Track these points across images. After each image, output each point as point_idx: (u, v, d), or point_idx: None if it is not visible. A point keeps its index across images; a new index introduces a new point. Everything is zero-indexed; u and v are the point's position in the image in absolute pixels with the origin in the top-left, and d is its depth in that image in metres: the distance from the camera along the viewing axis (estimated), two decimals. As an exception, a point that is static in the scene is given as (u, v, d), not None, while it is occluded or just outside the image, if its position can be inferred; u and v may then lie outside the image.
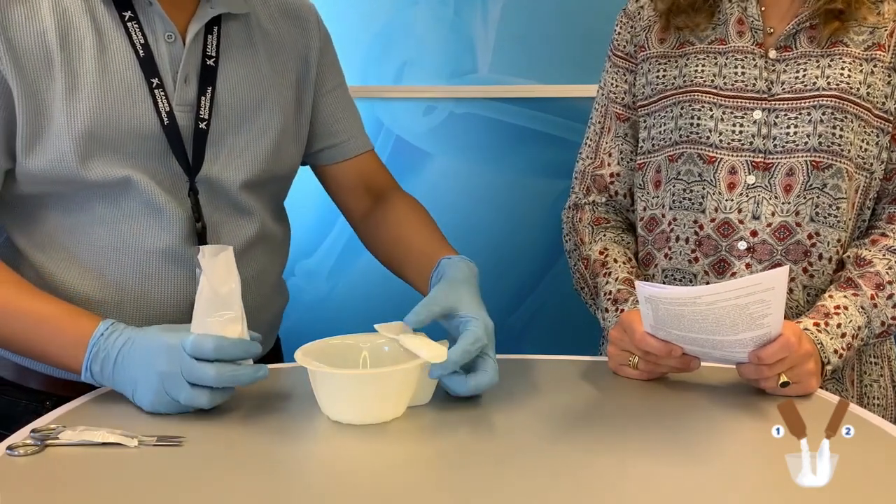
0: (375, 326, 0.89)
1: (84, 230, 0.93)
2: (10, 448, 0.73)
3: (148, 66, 0.92)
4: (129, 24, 0.92)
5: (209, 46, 0.97)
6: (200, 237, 0.97)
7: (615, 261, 1.14)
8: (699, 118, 1.09)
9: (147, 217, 0.93)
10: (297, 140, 1.08)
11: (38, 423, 0.79)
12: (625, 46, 1.19)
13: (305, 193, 1.15)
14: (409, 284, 1.07)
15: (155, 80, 0.92)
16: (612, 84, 1.21)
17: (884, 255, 1.03)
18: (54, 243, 0.93)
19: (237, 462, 0.73)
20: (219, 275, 0.83)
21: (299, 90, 1.08)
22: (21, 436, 0.76)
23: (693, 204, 1.09)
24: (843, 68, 1.04)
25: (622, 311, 1.06)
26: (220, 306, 0.82)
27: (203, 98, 0.96)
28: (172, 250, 0.95)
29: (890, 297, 1.01)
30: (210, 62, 0.97)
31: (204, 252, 0.84)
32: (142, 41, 0.92)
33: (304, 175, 1.17)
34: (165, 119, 0.93)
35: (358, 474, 0.72)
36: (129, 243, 0.94)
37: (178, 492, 0.68)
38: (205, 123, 0.96)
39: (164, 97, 0.93)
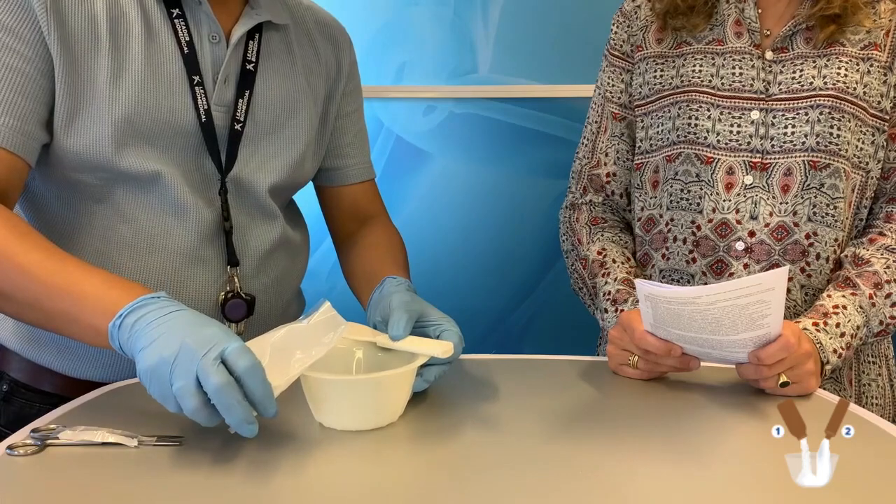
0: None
1: (107, 227, 0.94)
2: (10, 448, 0.73)
3: (191, 63, 0.94)
4: (176, 22, 0.94)
5: (250, 52, 1.00)
6: (227, 236, 0.98)
7: (613, 261, 1.14)
8: (697, 118, 1.09)
9: (171, 217, 0.95)
10: (316, 154, 1.11)
11: (38, 422, 0.79)
12: (621, 46, 1.20)
13: (305, 195, 1.16)
14: (358, 300, 1.08)
15: (196, 78, 0.94)
16: (608, 83, 1.21)
17: (882, 255, 1.04)
18: (77, 240, 0.94)
19: (237, 462, 0.73)
20: (314, 335, 0.79)
21: (326, 107, 1.11)
22: (21, 436, 0.76)
23: (691, 204, 1.09)
24: (839, 68, 1.05)
25: (621, 311, 1.06)
26: (284, 356, 0.76)
27: (240, 100, 0.98)
28: (195, 251, 0.96)
29: (888, 296, 1.01)
30: (249, 67, 0.99)
31: (327, 307, 0.81)
32: (187, 39, 0.94)
33: (304, 175, 1.17)
34: (203, 116, 0.95)
35: (358, 475, 0.72)
36: (152, 242, 0.95)
37: (178, 492, 0.68)
38: (240, 125, 0.98)
39: (203, 95, 0.95)
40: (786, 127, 1.05)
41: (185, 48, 0.94)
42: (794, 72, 1.06)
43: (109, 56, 0.89)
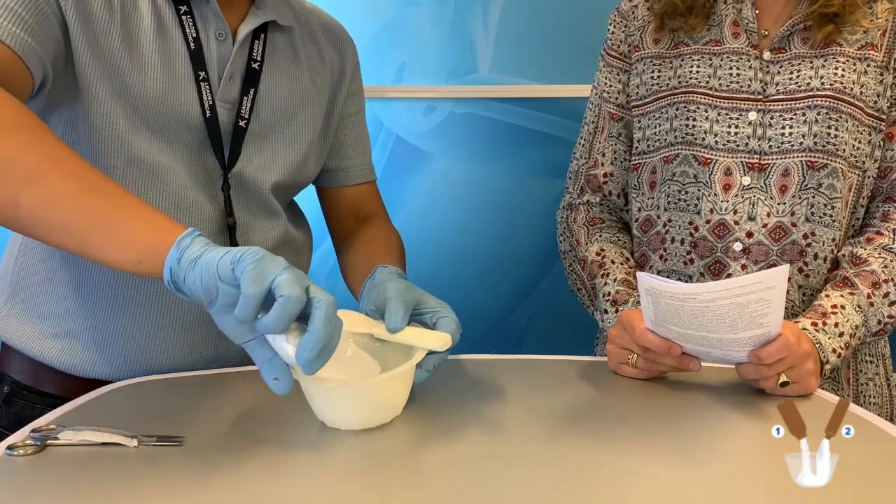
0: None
1: None
2: (10, 448, 0.73)
3: (197, 59, 0.95)
4: (183, 18, 0.95)
5: (255, 51, 1.01)
6: (231, 232, 0.99)
7: (612, 262, 1.14)
8: (694, 119, 1.09)
9: (174, 212, 0.95)
10: (319, 154, 1.12)
11: (38, 422, 0.79)
12: (619, 46, 1.20)
13: (305, 194, 1.16)
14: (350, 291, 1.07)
15: (202, 74, 0.95)
16: (605, 84, 1.21)
17: (879, 254, 1.04)
18: None
19: (237, 462, 0.73)
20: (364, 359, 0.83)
21: (329, 108, 1.12)
22: (21, 436, 0.76)
23: (688, 205, 1.09)
24: (836, 68, 1.05)
25: (621, 311, 1.06)
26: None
27: (245, 98, 0.99)
28: None
29: (886, 295, 1.01)
30: (255, 65, 1.00)
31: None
32: (194, 35, 0.95)
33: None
34: (208, 112, 0.95)
35: (359, 475, 0.72)
36: None
37: (178, 492, 0.68)
38: (244, 122, 0.99)
39: (208, 91, 0.96)
40: (783, 128, 1.05)
41: (192, 44, 0.95)
42: (791, 72, 1.06)
43: (122, 44, 0.91)
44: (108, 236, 0.73)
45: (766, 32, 1.09)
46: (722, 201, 1.07)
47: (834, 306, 0.99)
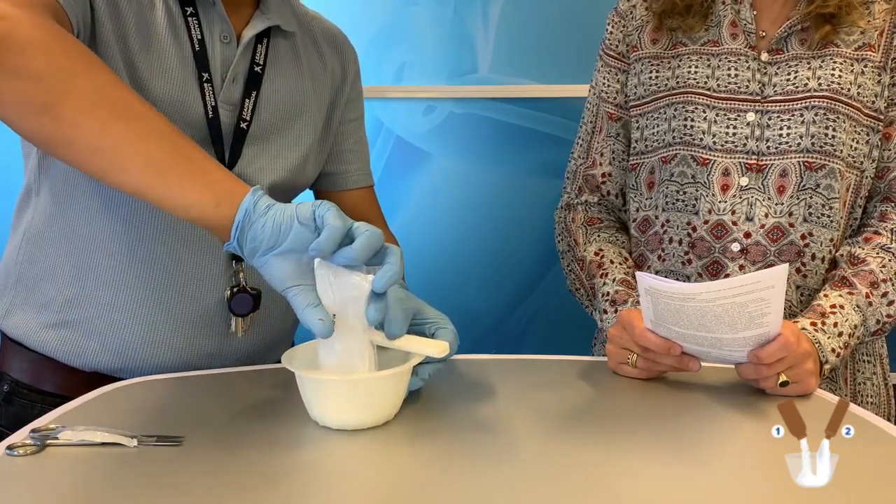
0: None
1: (115, 221, 0.95)
2: (9, 448, 0.73)
3: (201, 60, 0.97)
4: (189, 20, 0.97)
5: (258, 55, 1.02)
6: None
7: (611, 262, 1.14)
8: (693, 120, 1.09)
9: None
10: (318, 158, 1.12)
11: (37, 422, 0.79)
12: (617, 46, 1.20)
13: (303, 196, 1.16)
14: None
15: (205, 75, 0.96)
16: (603, 83, 1.21)
17: (877, 254, 1.04)
18: (93, 227, 0.95)
19: (235, 462, 0.73)
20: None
21: (329, 113, 1.13)
22: (21, 436, 0.76)
23: (686, 206, 1.09)
24: (834, 69, 1.05)
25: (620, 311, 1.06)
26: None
27: (247, 100, 1.00)
28: (200, 245, 0.98)
29: (884, 295, 1.01)
30: (257, 69, 1.02)
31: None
32: (199, 37, 0.97)
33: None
34: (210, 112, 0.96)
35: (356, 474, 0.72)
36: (159, 236, 0.96)
37: (178, 492, 0.68)
38: (245, 124, 1.00)
39: (211, 92, 0.97)
40: (781, 128, 1.06)
41: (197, 46, 0.96)
42: (789, 73, 1.06)
43: (138, 37, 0.92)
44: (191, 176, 0.76)
45: (764, 33, 1.09)
46: (720, 202, 1.07)
47: (833, 306, 0.99)
